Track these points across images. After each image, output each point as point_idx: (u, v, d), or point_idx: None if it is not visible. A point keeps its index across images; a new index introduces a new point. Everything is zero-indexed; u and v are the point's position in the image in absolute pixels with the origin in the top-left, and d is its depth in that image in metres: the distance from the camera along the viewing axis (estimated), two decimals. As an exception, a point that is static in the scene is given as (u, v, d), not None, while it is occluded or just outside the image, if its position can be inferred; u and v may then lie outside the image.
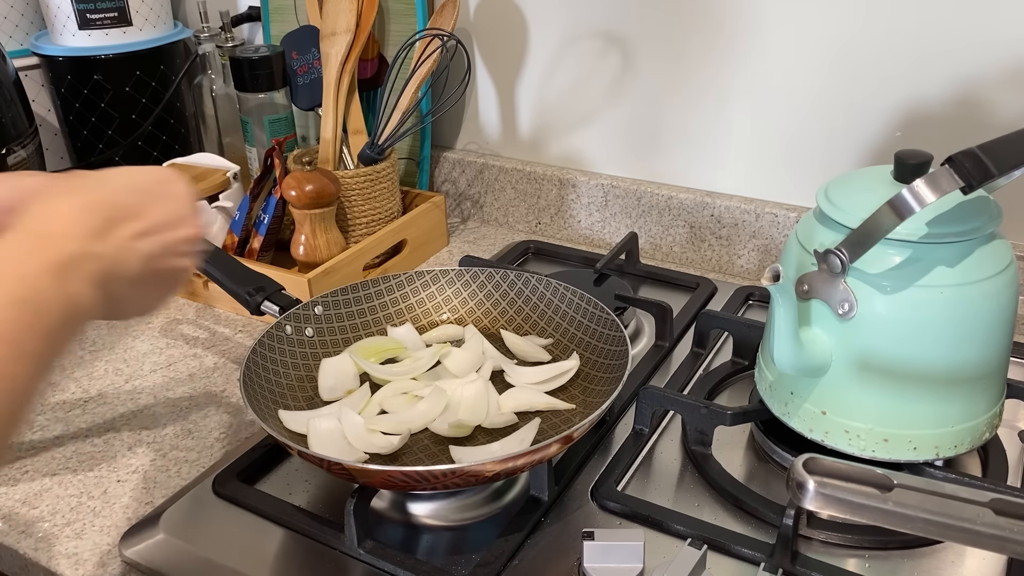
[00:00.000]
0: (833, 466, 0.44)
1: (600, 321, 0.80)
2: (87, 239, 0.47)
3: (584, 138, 1.11)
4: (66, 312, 0.44)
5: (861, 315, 0.62)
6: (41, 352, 0.43)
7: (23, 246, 0.45)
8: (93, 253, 0.47)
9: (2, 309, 0.41)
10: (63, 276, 0.45)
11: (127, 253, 0.50)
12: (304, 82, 1.09)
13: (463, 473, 0.61)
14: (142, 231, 0.51)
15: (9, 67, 1.05)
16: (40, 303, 0.43)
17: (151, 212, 0.52)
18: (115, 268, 0.49)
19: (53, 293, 0.44)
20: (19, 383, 0.41)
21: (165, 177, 0.55)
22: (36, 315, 0.43)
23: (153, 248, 0.52)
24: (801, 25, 0.92)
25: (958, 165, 0.55)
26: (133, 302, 0.53)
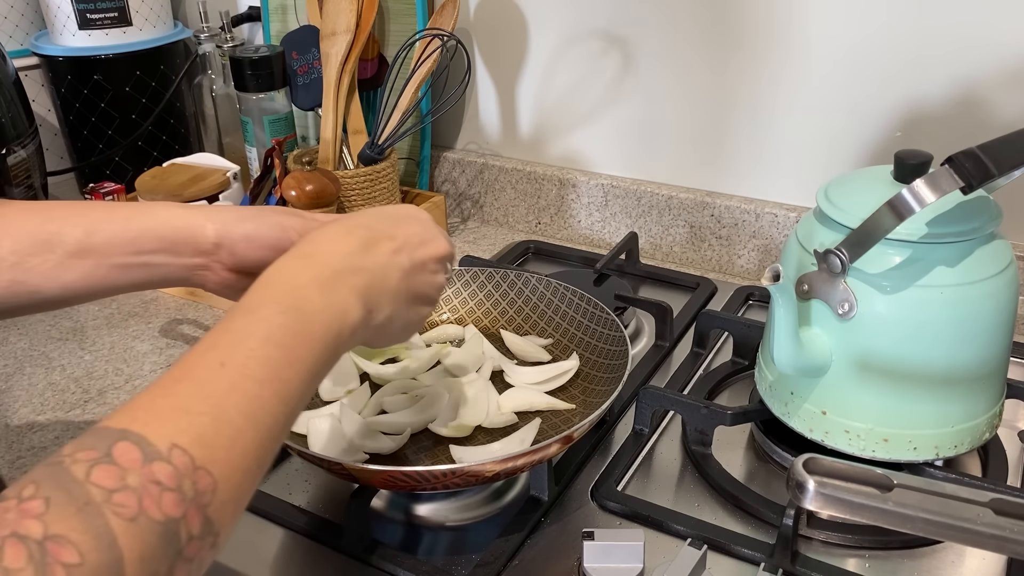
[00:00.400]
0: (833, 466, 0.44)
1: (600, 321, 0.80)
2: (350, 255, 0.52)
3: (584, 138, 1.11)
4: (331, 321, 0.48)
5: (861, 315, 0.62)
6: (308, 359, 0.45)
7: (294, 264, 0.50)
8: (356, 267, 0.51)
9: (275, 316, 0.45)
10: (329, 288, 0.49)
11: (387, 268, 0.54)
12: (304, 82, 1.09)
13: (463, 473, 0.61)
14: (397, 248, 0.55)
15: (9, 67, 1.05)
16: (307, 311, 0.46)
17: (403, 232, 0.56)
18: (377, 280, 0.52)
19: (319, 303, 0.47)
20: (291, 387, 0.44)
21: (409, 209, 0.60)
22: (305, 323, 0.46)
23: (409, 263, 0.55)
24: (801, 26, 0.92)
25: (958, 165, 0.55)
26: (395, 319, 0.55)
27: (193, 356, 0.42)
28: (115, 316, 1.00)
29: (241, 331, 0.44)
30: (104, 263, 0.57)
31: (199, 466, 0.38)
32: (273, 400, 0.42)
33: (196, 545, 0.37)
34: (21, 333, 0.97)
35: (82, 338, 0.96)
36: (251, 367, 0.42)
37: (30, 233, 0.56)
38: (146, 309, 1.01)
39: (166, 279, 0.59)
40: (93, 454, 0.36)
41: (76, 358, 0.92)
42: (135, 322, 0.98)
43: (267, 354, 0.43)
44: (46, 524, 0.33)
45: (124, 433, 0.37)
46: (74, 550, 0.33)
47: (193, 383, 0.41)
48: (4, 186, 1.01)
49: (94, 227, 0.57)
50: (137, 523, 0.35)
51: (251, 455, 0.41)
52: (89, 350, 0.93)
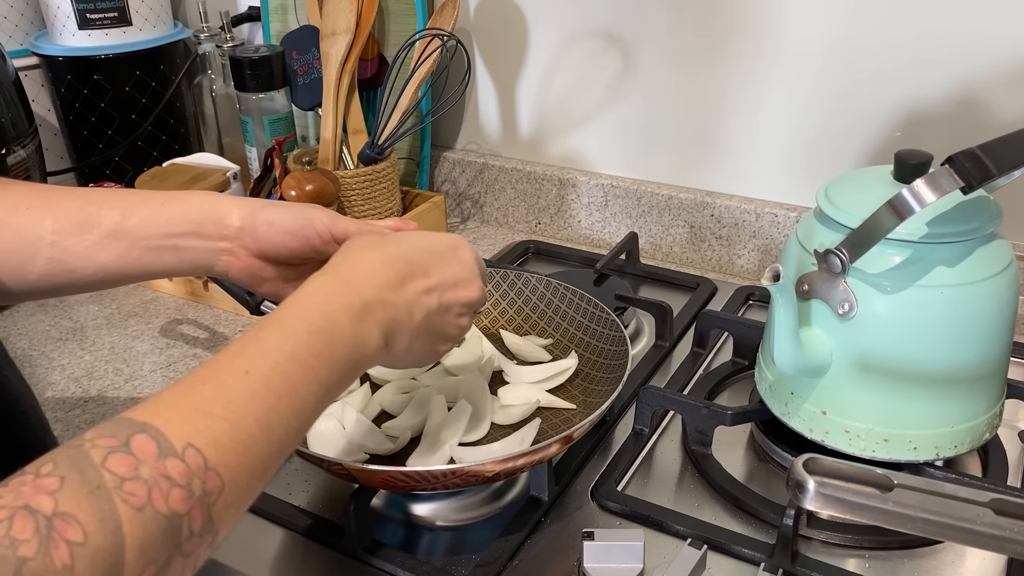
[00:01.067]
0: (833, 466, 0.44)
1: (600, 321, 0.80)
2: (383, 288, 0.53)
3: (584, 138, 1.11)
4: (353, 349, 0.49)
5: (861, 315, 0.62)
6: (326, 381, 0.47)
7: (330, 286, 0.51)
8: (386, 301, 0.53)
9: (305, 335, 0.47)
10: (358, 317, 0.50)
11: (414, 306, 0.55)
12: (304, 82, 1.09)
13: (463, 473, 0.61)
14: (430, 287, 0.56)
15: (9, 67, 1.05)
16: (335, 336, 0.48)
17: (440, 272, 0.57)
18: (402, 317, 0.54)
19: (347, 329, 0.49)
20: (306, 405, 0.45)
21: (455, 243, 0.61)
22: (330, 346, 0.48)
23: (436, 304, 0.56)
24: (801, 25, 0.92)
25: (958, 165, 0.55)
26: (411, 352, 0.57)
27: (221, 360, 0.44)
28: (115, 316, 1.00)
29: (269, 343, 0.46)
30: (137, 245, 0.59)
31: (210, 467, 0.39)
32: (287, 414, 0.44)
33: (195, 542, 0.39)
34: (21, 333, 0.97)
35: (82, 338, 0.96)
36: (273, 380, 0.44)
37: (71, 214, 0.58)
38: (146, 309, 1.01)
39: (194, 263, 0.61)
40: (112, 442, 0.37)
41: (76, 358, 0.92)
42: (135, 322, 0.98)
43: (290, 370, 0.45)
44: (57, 501, 0.34)
45: (144, 426, 0.39)
46: (80, 529, 0.34)
47: (217, 387, 0.42)
48: (4, 186, 1.01)
49: (130, 210, 0.59)
50: (143, 513, 0.36)
51: (259, 463, 0.42)
52: (89, 350, 0.93)
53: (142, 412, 0.40)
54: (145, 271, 0.60)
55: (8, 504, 0.34)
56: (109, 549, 0.35)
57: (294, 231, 0.60)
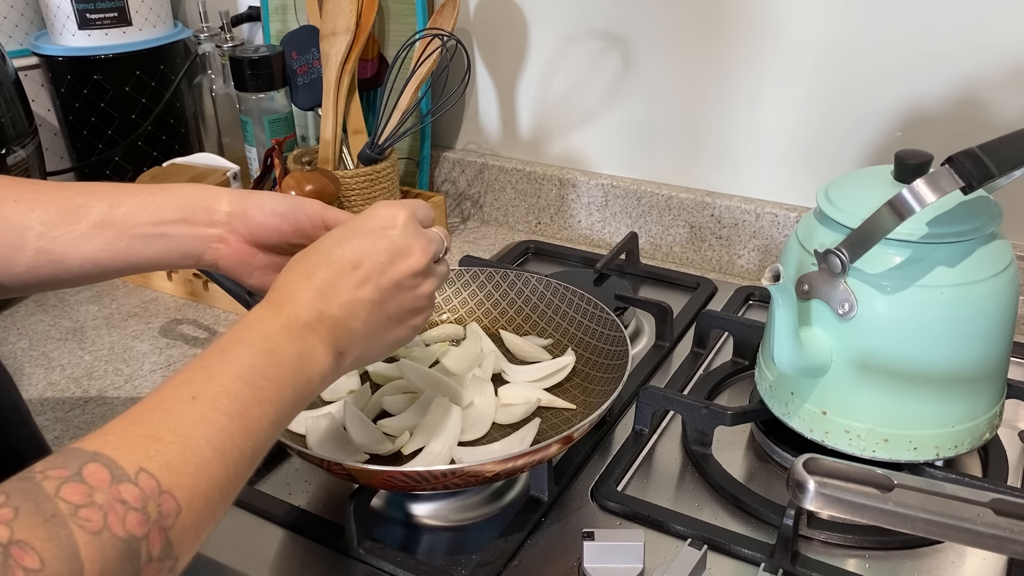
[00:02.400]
0: (833, 466, 0.44)
1: (600, 321, 0.80)
2: (313, 302, 0.52)
3: (584, 138, 1.11)
4: (301, 367, 0.49)
5: (861, 315, 0.62)
6: (277, 400, 0.47)
7: (264, 311, 0.51)
8: (322, 314, 0.51)
9: (249, 357, 0.47)
10: (298, 336, 0.50)
11: (354, 307, 0.53)
12: (304, 82, 1.09)
13: (463, 473, 0.61)
14: (362, 278, 0.54)
15: (9, 67, 1.05)
16: (279, 356, 0.48)
17: (369, 256, 0.55)
18: (343, 325, 0.52)
19: (290, 350, 0.49)
20: (259, 425, 0.45)
21: (382, 215, 0.57)
22: (275, 366, 0.48)
23: (378, 293, 0.54)
24: (801, 25, 0.92)
25: (958, 165, 0.55)
26: (375, 348, 0.56)
27: (167, 389, 0.44)
28: (115, 316, 1.00)
29: (214, 368, 0.46)
30: (126, 234, 0.59)
31: (164, 490, 0.39)
32: (241, 435, 0.44)
33: (155, 567, 0.38)
34: (21, 333, 0.97)
35: (82, 338, 0.96)
36: (221, 402, 0.44)
37: (59, 204, 0.58)
38: (146, 309, 1.01)
39: (182, 252, 0.61)
40: (64, 472, 0.37)
41: (76, 358, 0.92)
42: (135, 322, 0.98)
43: (237, 391, 0.45)
44: (12, 530, 0.34)
45: (95, 455, 0.38)
46: (36, 556, 0.34)
47: (165, 414, 0.42)
48: (4, 186, 1.01)
49: (119, 200, 0.59)
50: (100, 537, 0.36)
51: (216, 485, 0.42)
52: (89, 350, 0.93)
53: (91, 442, 0.39)
54: (134, 261, 0.60)
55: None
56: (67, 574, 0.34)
57: (284, 214, 0.61)
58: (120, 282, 1.07)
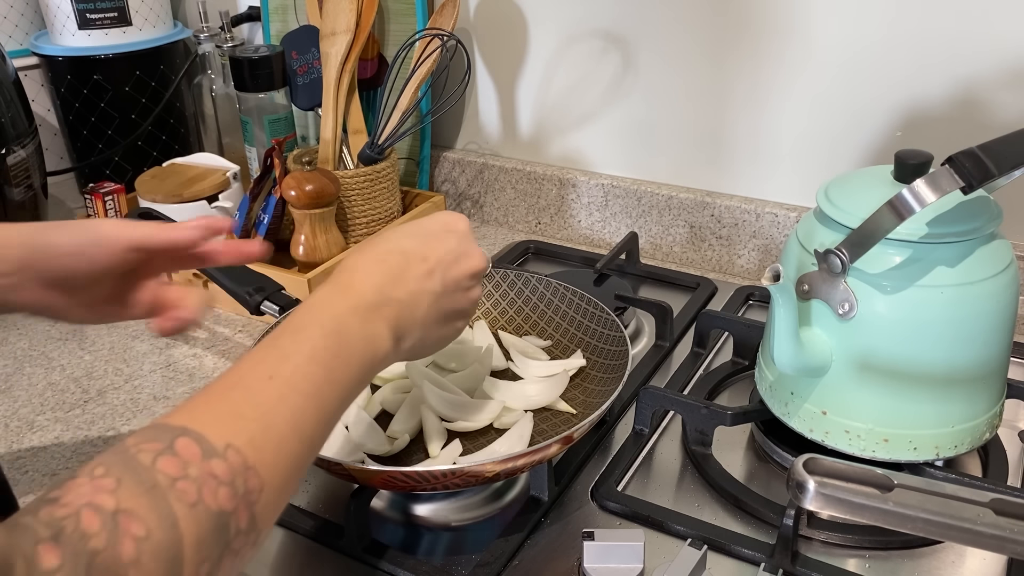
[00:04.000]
0: (833, 466, 0.44)
1: (600, 321, 0.80)
2: (383, 287, 0.54)
3: (584, 138, 1.11)
4: (367, 349, 0.51)
5: (861, 315, 0.62)
6: (344, 381, 0.49)
7: (334, 294, 0.53)
8: (389, 299, 0.54)
9: (320, 338, 0.48)
10: (365, 318, 0.52)
11: (419, 296, 0.56)
12: (304, 82, 1.09)
13: (463, 473, 0.61)
14: (430, 271, 0.57)
15: (9, 67, 1.05)
16: (347, 336, 0.50)
17: (436, 252, 0.58)
18: (407, 311, 0.55)
19: (357, 331, 0.51)
20: (329, 403, 0.47)
21: (446, 220, 0.61)
22: (344, 346, 0.49)
23: (440, 286, 0.57)
24: (801, 26, 0.92)
25: (958, 165, 0.55)
26: (427, 340, 0.58)
27: (244, 367, 0.46)
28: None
29: (288, 348, 0.47)
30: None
31: (250, 466, 0.40)
32: (315, 414, 0.46)
33: (242, 540, 0.40)
34: (21, 333, 0.97)
35: (82, 338, 0.96)
36: (296, 382, 0.45)
37: None
38: (146, 309, 1.01)
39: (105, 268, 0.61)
40: (157, 445, 0.39)
41: (76, 358, 0.92)
42: (134, 322, 0.98)
43: (311, 371, 0.47)
44: (118, 499, 0.36)
45: (184, 430, 0.40)
46: (142, 524, 0.35)
47: (245, 391, 0.44)
48: (4, 186, 1.01)
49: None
50: (196, 509, 0.37)
51: (292, 463, 0.44)
52: (89, 350, 0.93)
53: (178, 417, 0.41)
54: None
55: (72, 502, 0.35)
56: (169, 544, 0.36)
57: (78, 252, 0.59)
58: (120, 282, 1.07)
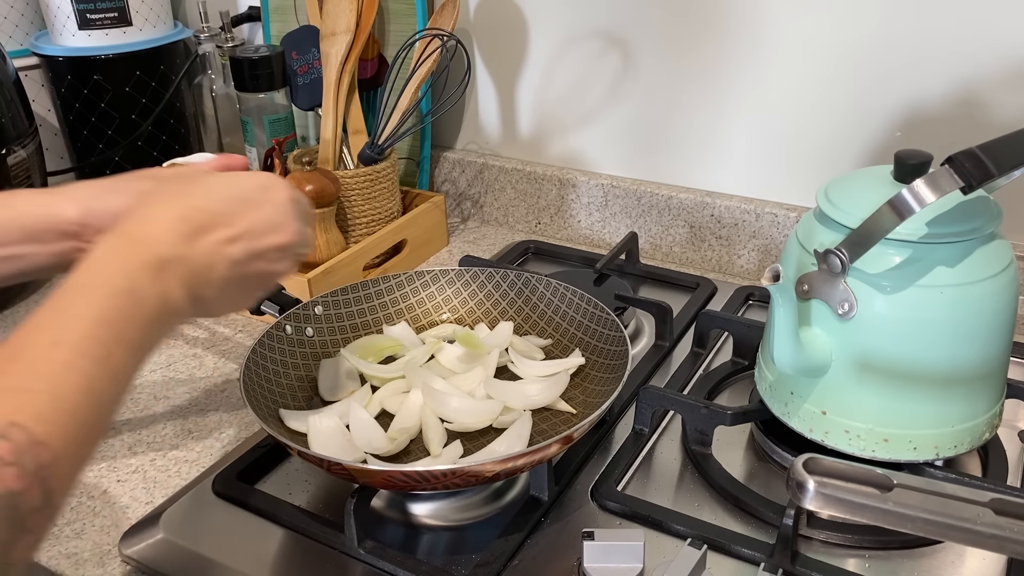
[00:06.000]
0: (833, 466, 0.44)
1: (600, 321, 0.80)
2: (177, 244, 0.51)
3: (584, 138, 1.11)
4: (159, 307, 0.49)
5: (861, 315, 0.62)
6: (136, 341, 0.47)
7: (123, 246, 0.50)
8: (183, 256, 0.51)
9: (108, 297, 0.46)
10: (158, 274, 0.49)
11: (215, 258, 0.53)
12: (304, 82, 1.09)
13: (463, 473, 0.61)
14: (231, 237, 0.54)
15: (9, 67, 1.05)
16: (139, 295, 0.48)
17: (243, 219, 0.55)
18: (203, 272, 0.53)
19: (149, 289, 0.48)
20: (121, 365, 0.46)
21: (267, 184, 0.58)
22: (135, 306, 0.47)
23: (241, 253, 0.55)
24: (801, 26, 0.92)
25: (958, 165, 0.55)
26: (221, 302, 0.56)
27: (24, 335, 0.44)
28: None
29: (72, 311, 0.45)
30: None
31: (39, 441, 0.39)
32: (106, 378, 0.44)
33: (37, 516, 0.39)
34: (21, 333, 0.97)
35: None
36: (84, 346, 0.44)
37: None
38: (146, 309, 1.01)
39: (40, 267, 0.60)
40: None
41: (76, 358, 0.92)
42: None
43: (101, 335, 0.45)
44: None
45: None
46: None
47: (28, 362, 0.42)
48: (4, 186, 1.01)
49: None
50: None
51: (87, 429, 0.42)
52: (89, 350, 0.93)
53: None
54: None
55: None
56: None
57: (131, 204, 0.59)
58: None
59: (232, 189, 0.57)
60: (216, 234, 0.54)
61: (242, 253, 0.55)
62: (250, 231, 0.55)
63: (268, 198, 0.57)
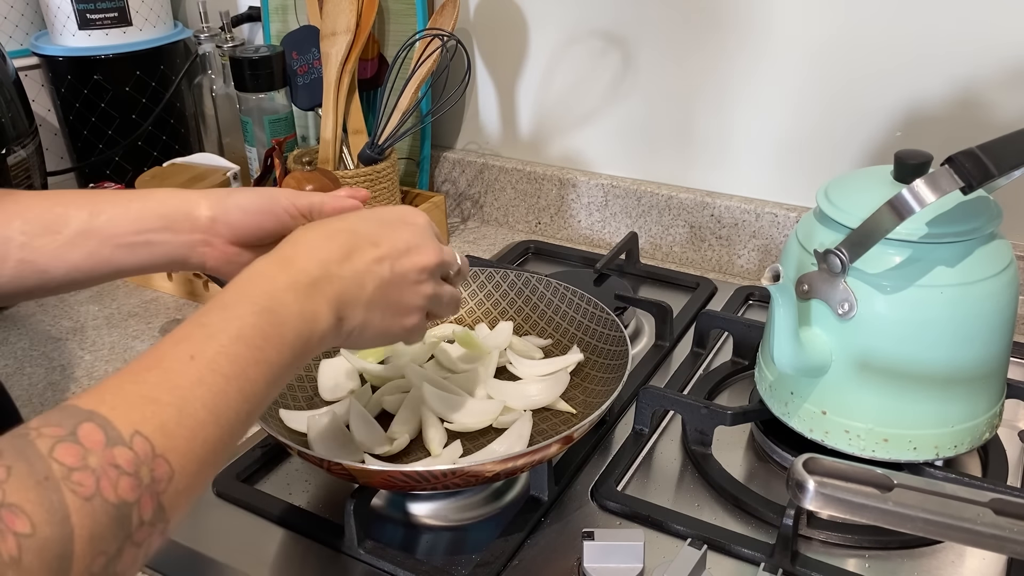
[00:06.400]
0: (833, 466, 0.44)
1: (600, 321, 0.80)
2: (328, 263, 0.52)
3: (584, 138, 1.11)
4: (302, 327, 0.49)
5: (861, 315, 0.62)
6: (276, 361, 0.46)
7: (273, 266, 0.51)
8: (332, 275, 0.52)
9: (250, 316, 0.46)
10: (304, 294, 0.50)
11: (365, 277, 0.54)
12: (304, 82, 1.09)
13: (463, 473, 0.61)
14: (380, 257, 0.55)
15: (9, 67, 1.05)
16: (281, 315, 0.48)
17: (389, 239, 0.56)
18: (352, 290, 0.53)
19: (293, 308, 0.48)
20: (256, 386, 0.45)
21: (403, 211, 0.60)
22: (277, 326, 0.47)
23: (389, 273, 0.55)
24: (802, 25, 0.92)
25: (958, 165, 0.55)
26: (370, 326, 0.55)
27: (165, 346, 0.44)
28: (115, 316, 1.00)
29: (214, 326, 0.45)
30: (108, 243, 0.59)
31: (159, 454, 0.39)
32: (238, 397, 0.44)
33: (146, 531, 0.38)
34: (21, 333, 0.97)
35: (82, 338, 0.96)
36: (219, 363, 0.43)
37: (40, 215, 0.58)
38: (146, 309, 1.01)
39: (168, 257, 0.61)
40: (59, 431, 0.37)
41: (76, 358, 0.92)
42: (135, 322, 0.98)
43: (237, 352, 0.44)
44: (5, 492, 0.34)
45: (91, 414, 0.38)
46: (27, 520, 0.34)
47: (162, 373, 0.42)
48: (4, 186, 1.01)
49: (98, 208, 0.59)
50: (92, 503, 0.36)
51: (210, 448, 0.42)
52: (89, 350, 0.93)
53: (88, 400, 0.39)
54: (118, 268, 0.60)
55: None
56: (57, 540, 0.34)
57: (263, 211, 0.61)
58: (120, 282, 1.07)
59: (372, 214, 0.59)
60: (364, 254, 0.54)
61: (388, 272, 0.55)
62: (394, 251, 0.56)
63: (406, 222, 0.58)
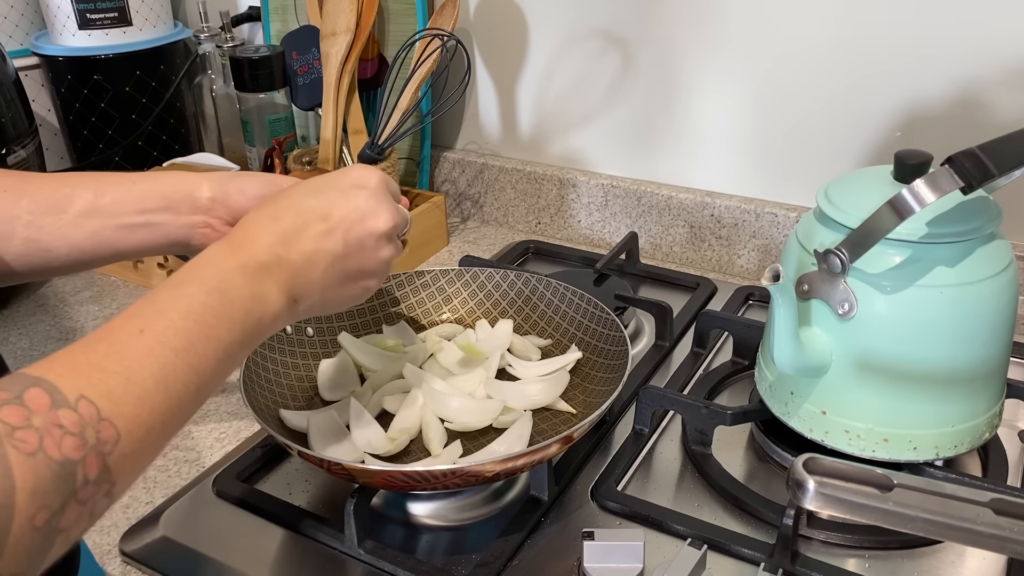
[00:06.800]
0: (833, 466, 0.44)
1: (600, 321, 0.80)
2: (275, 246, 0.53)
3: (584, 138, 1.11)
4: (253, 307, 0.50)
5: (861, 315, 0.62)
6: (226, 338, 0.48)
7: (224, 249, 0.52)
8: (281, 259, 0.52)
9: (199, 295, 0.47)
10: (253, 278, 0.50)
11: (314, 256, 0.54)
12: (304, 82, 1.09)
13: (463, 473, 0.61)
14: (330, 229, 0.55)
15: (9, 67, 1.05)
16: (231, 295, 0.49)
17: (339, 209, 0.56)
18: (302, 272, 0.53)
19: (243, 291, 0.50)
20: (205, 361, 0.46)
21: (359, 174, 0.59)
22: (226, 305, 0.48)
23: (342, 246, 0.55)
24: (802, 25, 0.92)
25: (958, 165, 0.55)
26: (329, 300, 0.57)
27: (116, 321, 0.45)
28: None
29: (164, 304, 0.47)
30: (111, 223, 0.60)
31: (104, 418, 0.40)
32: (185, 369, 0.45)
33: (91, 489, 0.39)
34: (21, 333, 0.97)
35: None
36: (168, 336, 0.45)
37: (47, 195, 0.59)
38: (146, 309, 1.01)
39: (170, 239, 0.62)
40: (6, 395, 0.38)
41: (76, 358, 0.92)
42: (135, 322, 0.98)
43: (186, 327, 0.46)
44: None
45: (38, 380, 0.39)
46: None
47: (112, 344, 0.43)
48: (4, 186, 1.01)
49: (103, 189, 0.60)
50: (34, 458, 0.37)
51: (158, 416, 0.43)
52: (89, 350, 0.93)
53: (36, 368, 0.40)
54: (121, 249, 0.61)
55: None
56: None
57: (264, 194, 0.61)
58: (120, 282, 1.07)
59: (322, 183, 0.58)
60: (311, 230, 0.54)
61: (341, 245, 0.55)
62: (344, 220, 0.56)
63: (358, 187, 0.58)
